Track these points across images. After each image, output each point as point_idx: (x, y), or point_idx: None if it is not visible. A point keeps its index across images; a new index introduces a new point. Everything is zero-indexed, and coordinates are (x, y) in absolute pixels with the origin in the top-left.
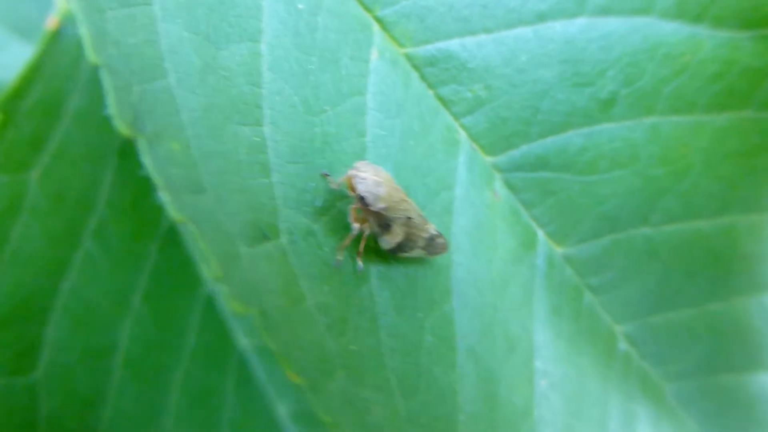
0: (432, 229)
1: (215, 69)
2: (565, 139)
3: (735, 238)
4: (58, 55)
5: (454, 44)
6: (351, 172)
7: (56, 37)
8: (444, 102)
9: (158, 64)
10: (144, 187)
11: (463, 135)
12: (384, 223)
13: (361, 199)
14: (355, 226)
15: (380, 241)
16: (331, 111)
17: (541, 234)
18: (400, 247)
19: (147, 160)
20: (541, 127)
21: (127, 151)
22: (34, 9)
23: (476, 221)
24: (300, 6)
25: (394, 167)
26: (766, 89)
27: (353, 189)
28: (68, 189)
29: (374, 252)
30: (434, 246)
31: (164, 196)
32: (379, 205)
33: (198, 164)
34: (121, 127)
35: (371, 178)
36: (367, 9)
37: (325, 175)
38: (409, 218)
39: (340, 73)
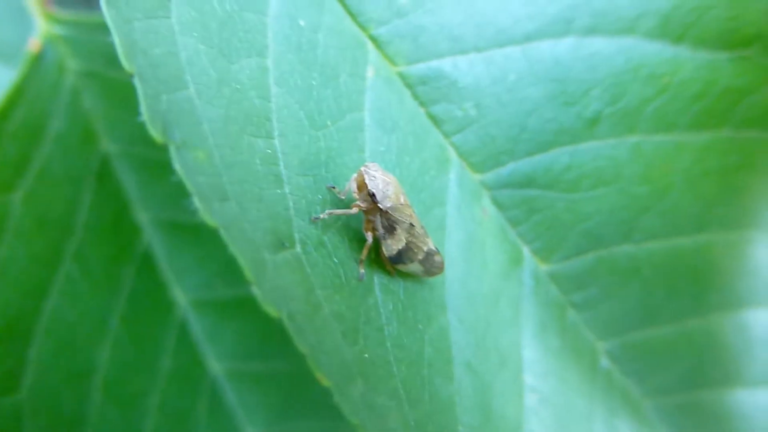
0: (431, 243)
1: (229, 82)
2: (551, 157)
3: (713, 255)
4: (40, 78)
5: (445, 63)
6: (362, 169)
7: (38, 59)
8: (435, 120)
9: (180, 76)
10: (121, 210)
11: (453, 153)
12: (389, 225)
13: (371, 196)
14: (369, 235)
15: (383, 245)
16: (333, 126)
17: (526, 251)
18: (399, 256)
19: (177, 167)
20: (528, 145)
21: (104, 174)
22: (13, 32)
23: (468, 237)
24: (301, 23)
25: None
26: (744, 109)
27: (362, 188)
28: (50, 211)
29: (378, 264)
30: (431, 263)
31: (196, 203)
32: (386, 204)
33: (221, 173)
34: (154, 133)
35: (381, 177)
36: (362, 28)
37: (331, 188)
38: (412, 225)
39: (340, 89)
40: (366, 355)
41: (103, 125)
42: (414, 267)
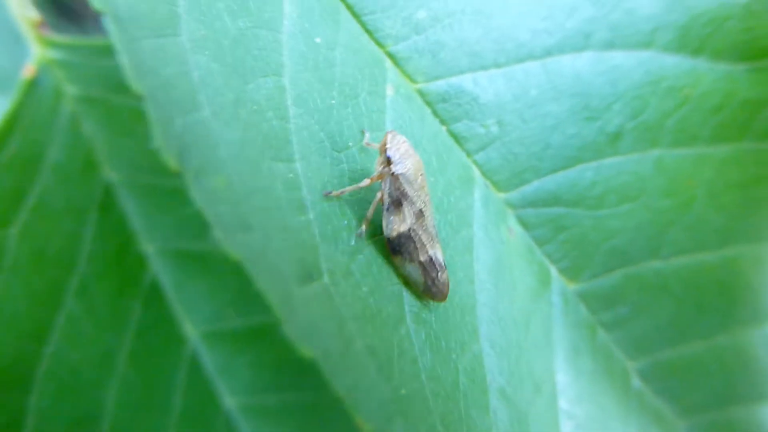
0: (439, 252)
1: (246, 102)
2: (576, 174)
3: (739, 270)
4: (35, 105)
5: (465, 79)
6: (389, 133)
7: (33, 85)
8: (457, 138)
9: (193, 97)
10: (125, 242)
11: (476, 171)
12: (397, 198)
13: (388, 158)
14: (366, 181)
15: (385, 220)
16: (355, 147)
17: (554, 270)
18: (400, 244)
19: (195, 196)
20: (552, 161)
21: (107, 204)
22: (6, 59)
23: (496, 259)
24: (317, 40)
25: None
26: (763, 120)
27: (382, 151)
28: (49, 246)
29: (408, 292)
30: (435, 277)
31: (217, 234)
32: (399, 169)
33: (242, 201)
34: (168, 160)
35: (404, 146)
36: (380, 44)
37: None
38: (422, 212)
39: (360, 108)
40: (403, 391)
41: (105, 153)
42: (414, 272)
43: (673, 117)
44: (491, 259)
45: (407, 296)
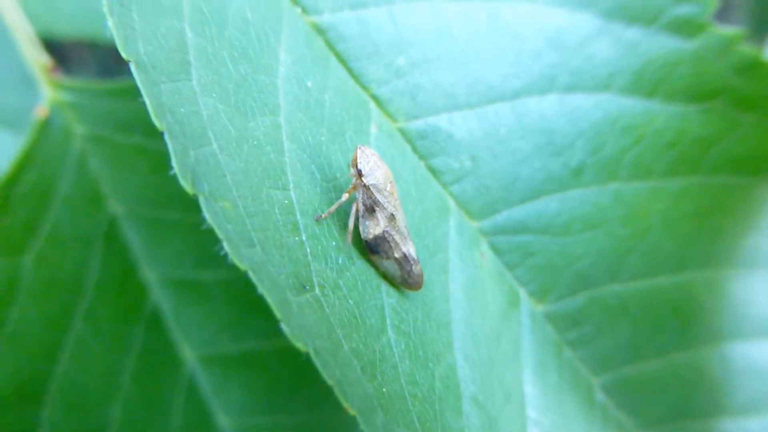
0: (412, 249)
1: (247, 138)
2: (542, 204)
3: (694, 293)
4: (47, 143)
5: (442, 119)
6: (358, 147)
7: (45, 125)
8: (434, 172)
9: (204, 132)
10: (128, 270)
11: (452, 202)
12: (370, 206)
13: (359, 171)
14: (345, 195)
15: (361, 225)
16: (342, 178)
17: (523, 292)
18: (376, 245)
19: (207, 216)
20: (521, 193)
21: (112, 235)
22: (17, 99)
23: (470, 280)
24: (309, 84)
25: None
26: (713, 157)
27: (354, 164)
28: (60, 272)
29: (389, 303)
30: (410, 270)
31: (226, 248)
32: (370, 180)
33: (245, 221)
34: (184, 185)
35: (372, 158)
36: (364, 88)
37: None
38: (393, 216)
39: (346, 144)
40: (384, 390)
41: (110, 187)
42: (390, 267)
43: (629, 153)
44: (465, 281)
45: (389, 310)
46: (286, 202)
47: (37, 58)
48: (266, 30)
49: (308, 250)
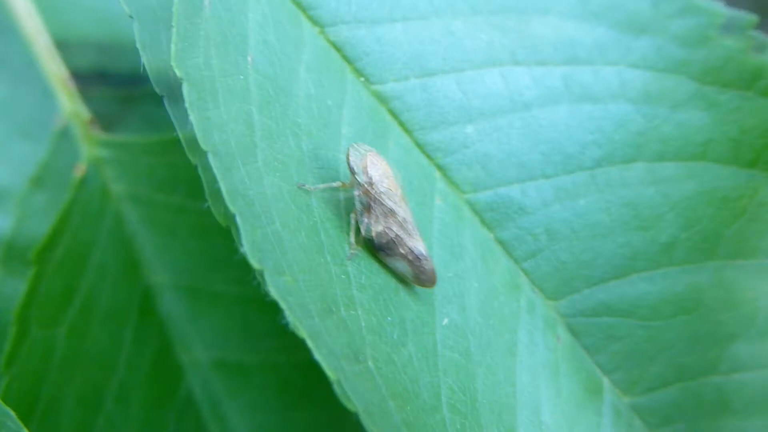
0: (420, 245)
1: (309, 216)
2: (628, 283)
3: None
4: (84, 204)
5: (513, 190)
6: (351, 145)
7: (82, 184)
8: (505, 246)
9: (268, 212)
10: (163, 348)
11: (524, 279)
12: (367, 203)
13: (352, 169)
14: (352, 216)
15: (362, 224)
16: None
17: (606, 381)
18: (380, 243)
19: (271, 290)
20: (603, 270)
21: (146, 308)
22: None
23: (540, 364)
24: None
25: (460, 308)
26: None
27: (348, 161)
28: (92, 348)
29: (449, 383)
30: (421, 267)
31: (289, 318)
32: (363, 179)
33: (305, 294)
34: (253, 264)
35: (365, 155)
36: (429, 157)
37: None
38: (393, 210)
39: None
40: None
41: (146, 253)
42: (400, 265)
43: (730, 228)
44: (535, 364)
45: (445, 389)
46: (343, 276)
47: (76, 111)
48: (328, 104)
49: (363, 323)
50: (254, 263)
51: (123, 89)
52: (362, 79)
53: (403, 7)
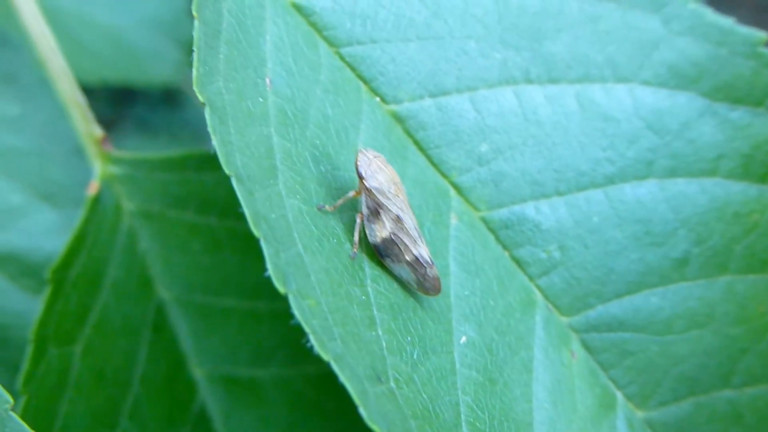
0: (425, 252)
1: (329, 237)
2: (641, 299)
3: None
4: (98, 222)
5: (528, 207)
6: (359, 150)
7: (96, 202)
8: (519, 263)
9: (290, 234)
10: (176, 364)
11: (539, 296)
12: (374, 208)
13: (359, 174)
14: (358, 216)
15: (367, 229)
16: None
17: (620, 396)
18: (385, 249)
19: (295, 312)
20: (616, 286)
21: (160, 324)
22: (60, 173)
23: (556, 380)
24: None
25: (477, 326)
26: None
27: (356, 165)
28: (107, 365)
29: (468, 401)
30: (424, 274)
31: (312, 341)
32: (371, 183)
33: (328, 317)
34: (278, 286)
35: (373, 160)
36: (445, 176)
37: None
38: (399, 218)
39: (425, 236)
40: None
41: (159, 269)
42: (403, 272)
43: (742, 243)
44: (551, 380)
45: (464, 407)
46: (363, 298)
47: (89, 129)
48: (345, 124)
49: (384, 344)
50: (279, 287)
51: (117, 94)
52: (377, 98)
53: (417, 27)
